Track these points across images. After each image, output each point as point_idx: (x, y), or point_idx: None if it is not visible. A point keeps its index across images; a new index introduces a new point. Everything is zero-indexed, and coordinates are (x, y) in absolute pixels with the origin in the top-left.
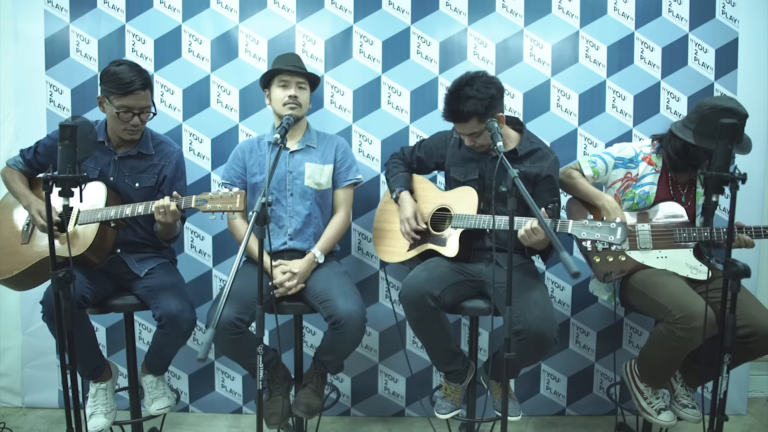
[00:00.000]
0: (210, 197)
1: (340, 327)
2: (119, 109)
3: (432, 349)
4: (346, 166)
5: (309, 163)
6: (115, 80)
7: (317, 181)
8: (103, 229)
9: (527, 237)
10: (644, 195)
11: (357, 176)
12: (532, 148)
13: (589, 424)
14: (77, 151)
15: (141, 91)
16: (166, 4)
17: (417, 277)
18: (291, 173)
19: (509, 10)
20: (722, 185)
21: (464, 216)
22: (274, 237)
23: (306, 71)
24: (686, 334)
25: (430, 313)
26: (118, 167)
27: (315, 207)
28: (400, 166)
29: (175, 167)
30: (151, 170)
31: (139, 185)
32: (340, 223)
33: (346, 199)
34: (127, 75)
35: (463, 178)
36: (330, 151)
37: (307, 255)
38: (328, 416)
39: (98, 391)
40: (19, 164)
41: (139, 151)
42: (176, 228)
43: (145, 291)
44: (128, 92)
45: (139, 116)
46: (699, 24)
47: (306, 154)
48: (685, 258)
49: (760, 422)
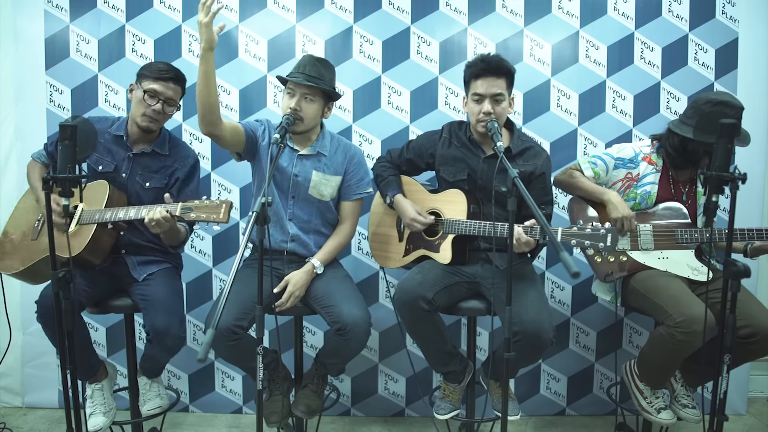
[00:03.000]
0: (196, 205)
1: (346, 333)
2: (147, 92)
3: (427, 350)
4: (357, 179)
5: (317, 171)
6: (153, 67)
7: (321, 192)
8: (99, 230)
9: (517, 245)
10: (646, 195)
11: (367, 190)
12: (524, 147)
13: (589, 424)
14: (77, 151)
15: (172, 83)
16: (166, 4)
17: (410, 280)
18: (297, 177)
19: (509, 10)
20: (722, 185)
21: (455, 222)
22: (276, 234)
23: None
24: (686, 338)
25: (423, 315)
26: (132, 164)
27: (316, 215)
28: (389, 169)
29: (189, 171)
30: (164, 171)
31: (150, 185)
32: (344, 235)
33: (353, 211)
34: (164, 66)
35: (453, 178)
36: (341, 162)
37: (306, 265)
38: (328, 416)
39: (94, 391)
40: (42, 157)
41: (154, 150)
42: (180, 234)
43: (140, 298)
44: (160, 78)
45: (163, 104)
46: (699, 24)
47: (316, 161)
48: (686, 259)
49: (760, 422)
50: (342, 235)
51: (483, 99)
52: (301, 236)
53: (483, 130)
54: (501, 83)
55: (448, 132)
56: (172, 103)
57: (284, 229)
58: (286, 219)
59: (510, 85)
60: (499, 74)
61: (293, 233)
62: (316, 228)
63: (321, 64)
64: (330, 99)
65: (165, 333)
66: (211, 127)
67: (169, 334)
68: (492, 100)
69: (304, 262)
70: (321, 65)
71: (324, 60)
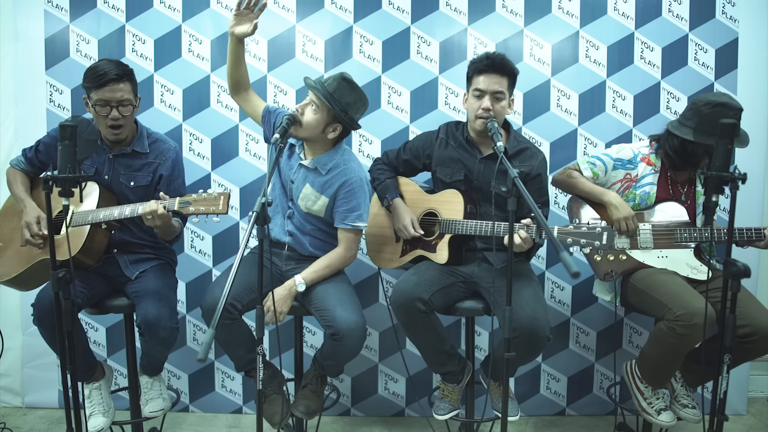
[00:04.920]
0: (194, 199)
1: (340, 339)
2: (96, 103)
3: (425, 351)
4: (346, 208)
5: (308, 185)
6: (91, 74)
7: (308, 206)
8: (93, 231)
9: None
10: (645, 195)
11: (355, 223)
12: (521, 148)
13: (589, 424)
14: (77, 151)
15: (117, 83)
16: (166, 4)
17: (407, 281)
18: (292, 183)
19: (509, 10)
20: (722, 185)
21: (452, 222)
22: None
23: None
24: (686, 332)
25: (420, 316)
26: (113, 166)
27: (307, 221)
28: (386, 172)
29: (171, 166)
30: (146, 169)
31: (134, 184)
32: (335, 259)
33: (346, 239)
34: (102, 67)
35: (449, 179)
36: (334, 185)
37: (287, 282)
38: (328, 416)
39: (92, 391)
40: (21, 164)
41: (134, 150)
42: (174, 228)
43: (133, 295)
44: (102, 84)
45: (117, 109)
46: (699, 24)
47: (312, 175)
48: (685, 258)
49: (760, 422)
50: (333, 258)
51: (483, 95)
52: (297, 234)
53: (480, 127)
54: (503, 81)
55: (445, 132)
56: (127, 103)
57: (282, 223)
58: (285, 216)
59: (512, 86)
60: (503, 73)
61: (290, 229)
62: (310, 232)
63: (347, 85)
64: (338, 121)
65: (155, 324)
66: (235, 96)
67: (159, 324)
68: (492, 97)
69: (303, 259)
70: (346, 86)
71: (355, 85)
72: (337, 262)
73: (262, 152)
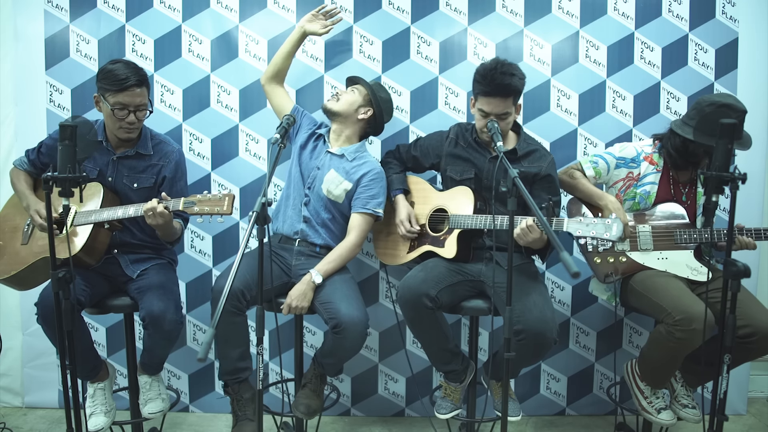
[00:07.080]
0: (198, 199)
1: (341, 332)
2: (114, 106)
3: (430, 349)
4: (369, 194)
5: (333, 170)
6: (111, 77)
7: (331, 190)
8: (95, 230)
9: (522, 236)
10: (645, 194)
11: (376, 210)
12: (530, 149)
13: (589, 424)
14: (77, 151)
15: (137, 88)
16: (166, 4)
17: (414, 278)
18: (318, 169)
19: (509, 10)
20: (722, 185)
21: (461, 216)
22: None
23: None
24: (685, 336)
25: (427, 313)
26: (117, 167)
27: (325, 210)
28: (395, 167)
29: (174, 167)
30: (150, 170)
31: (138, 185)
32: (347, 248)
33: (359, 224)
34: (122, 72)
35: (459, 177)
36: (359, 172)
37: (305, 277)
38: (328, 416)
39: (96, 391)
40: (24, 164)
41: (138, 151)
42: (175, 230)
43: (136, 292)
44: (123, 88)
45: (134, 114)
46: (699, 24)
47: (338, 160)
48: (685, 259)
49: (760, 422)
50: (345, 247)
51: (488, 115)
52: (312, 220)
53: (487, 139)
54: (507, 103)
55: (455, 133)
56: (143, 108)
57: (299, 210)
58: (301, 203)
59: (517, 98)
60: (506, 96)
61: (305, 215)
62: (324, 222)
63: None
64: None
65: (161, 317)
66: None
67: (165, 318)
68: (500, 118)
69: (313, 255)
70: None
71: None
72: (348, 251)
73: (262, 152)
